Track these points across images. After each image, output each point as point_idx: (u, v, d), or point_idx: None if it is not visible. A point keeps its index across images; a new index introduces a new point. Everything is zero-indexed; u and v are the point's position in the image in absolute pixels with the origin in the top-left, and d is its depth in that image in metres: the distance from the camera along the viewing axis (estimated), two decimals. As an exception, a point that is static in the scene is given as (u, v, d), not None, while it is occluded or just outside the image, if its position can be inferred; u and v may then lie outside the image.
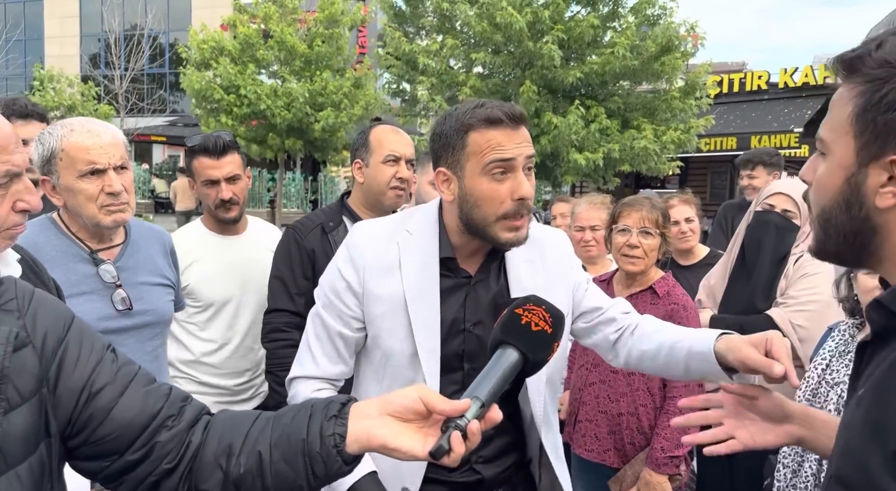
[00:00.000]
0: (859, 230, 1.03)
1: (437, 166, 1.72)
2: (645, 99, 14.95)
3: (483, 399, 1.11)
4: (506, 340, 1.23)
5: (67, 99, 24.63)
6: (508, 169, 1.62)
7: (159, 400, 1.15)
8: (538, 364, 1.25)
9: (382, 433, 1.09)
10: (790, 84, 19.79)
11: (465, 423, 1.08)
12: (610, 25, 14.79)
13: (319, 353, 1.79)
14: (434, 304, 1.71)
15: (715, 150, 19.45)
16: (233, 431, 1.15)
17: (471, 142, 1.63)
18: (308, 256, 2.60)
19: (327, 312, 1.78)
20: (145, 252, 2.27)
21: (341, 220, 2.69)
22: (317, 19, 19.60)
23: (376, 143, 2.70)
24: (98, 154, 2.01)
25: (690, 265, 3.80)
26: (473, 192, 1.64)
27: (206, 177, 2.74)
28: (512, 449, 1.85)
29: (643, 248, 2.76)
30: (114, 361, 1.15)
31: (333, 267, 1.80)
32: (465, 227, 1.70)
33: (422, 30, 15.87)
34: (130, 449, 1.10)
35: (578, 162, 13.71)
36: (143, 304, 2.18)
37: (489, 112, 1.62)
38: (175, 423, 1.14)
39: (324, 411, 1.12)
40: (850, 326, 2.45)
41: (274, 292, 2.63)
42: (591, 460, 2.81)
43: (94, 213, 2.05)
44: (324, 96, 18.74)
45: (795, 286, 2.97)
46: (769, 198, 3.05)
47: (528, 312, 1.27)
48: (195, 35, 19.46)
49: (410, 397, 1.11)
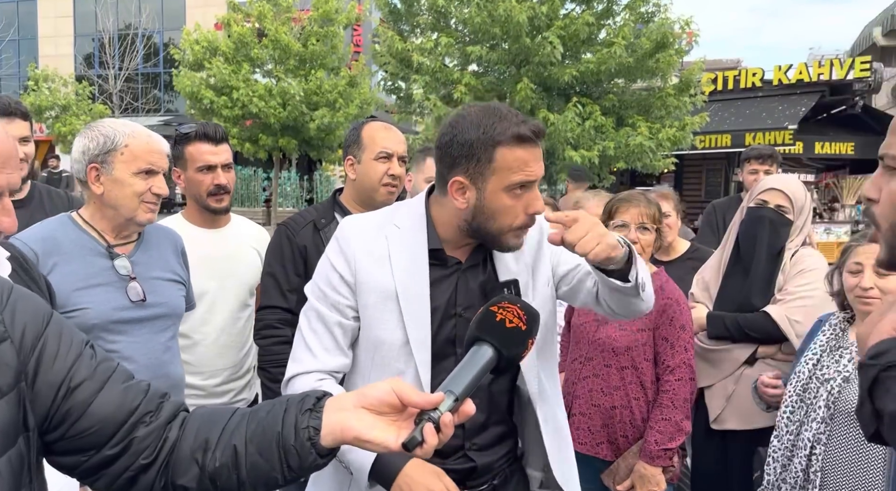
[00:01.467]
0: None
1: (451, 173, 1.71)
2: (640, 96, 14.96)
3: (457, 393, 1.13)
4: (481, 337, 1.26)
5: (62, 99, 24.55)
6: (527, 186, 1.68)
7: (138, 396, 1.16)
8: (512, 360, 1.28)
9: (356, 426, 1.11)
10: (785, 81, 19.80)
11: (439, 415, 1.10)
12: (604, 23, 14.80)
13: (318, 346, 1.79)
14: (424, 294, 1.75)
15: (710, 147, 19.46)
16: (209, 425, 1.16)
17: (499, 157, 1.66)
18: (300, 252, 2.60)
19: (322, 304, 1.80)
20: (157, 250, 2.38)
21: (333, 216, 2.69)
22: (311, 18, 19.58)
23: (368, 139, 2.71)
24: (158, 158, 2.24)
25: (671, 260, 3.80)
26: (491, 206, 1.69)
27: (204, 162, 2.73)
28: (506, 438, 1.90)
29: (641, 243, 2.76)
30: (93, 357, 1.15)
31: (325, 260, 1.83)
32: (471, 231, 1.75)
33: (416, 28, 15.85)
34: (108, 444, 1.11)
35: (574, 159, 13.71)
36: (156, 296, 2.28)
37: (520, 130, 1.65)
38: (153, 419, 1.15)
39: (299, 405, 1.14)
40: (842, 320, 2.47)
41: (266, 289, 2.63)
42: (584, 453, 2.81)
43: (135, 207, 2.21)
44: (319, 95, 18.72)
45: (793, 282, 2.98)
46: (762, 194, 3.06)
47: (503, 310, 1.30)
48: (188, 35, 19.42)
49: (384, 390, 1.13)
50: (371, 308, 1.76)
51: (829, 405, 2.26)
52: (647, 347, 2.72)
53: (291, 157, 23.64)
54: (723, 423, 3.02)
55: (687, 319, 2.75)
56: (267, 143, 19.16)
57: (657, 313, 2.71)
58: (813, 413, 2.29)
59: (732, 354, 3.02)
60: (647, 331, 2.73)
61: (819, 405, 2.28)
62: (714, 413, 3.04)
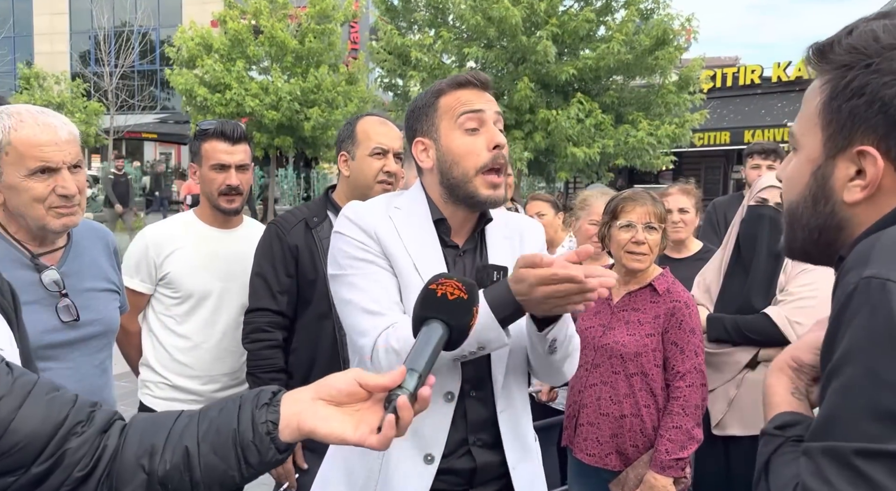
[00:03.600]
0: (824, 226, 0.98)
1: (413, 139, 1.78)
2: (639, 93, 14.88)
3: (419, 370, 1.11)
4: (426, 315, 1.25)
5: (56, 96, 24.40)
6: (480, 123, 1.70)
7: (64, 407, 1.10)
8: (462, 330, 1.27)
9: (312, 419, 1.07)
10: (784, 78, 19.76)
11: (407, 393, 1.07)
12: (603, 20, 14.70)
13: (383, 304, 1.66)
14: (441, 263, 1.73)
15: (708, 144, 19.42)
16: (154, 430, 1.12)
17: (442, 104, 1.73)
18: (291, 252, 2.48)
19: (360, 268, 1.70)
20: (89, 255, 2.08)
21: (326, 214, 2.57)
22: (308, 14, 19.48)
23: (363, 134, 2.59)
24: (52, 151, 1.80)
25: (683, 259, 3.69)
26: (451, 149, 1.70)
27: (217, 160, 2.62)
28: (513, 437, 1.80)
29: (649, 244, 2.65)
30: (8, 373, 1.09)
31: (343, 240, 1.74)
32: (447, 192, 1.74)
33: (414, 24, 15.75)
34: (37, 460, 1.05)
35: (576, 155, 13.64)
36: (90, 313, 2.00)
37: (456, 76, 1.74)
38: (84, 428, 1.09)
39: (254, 401, 1.10)
40: None
41: (255, 290, 2.51)
42: (591, 465, 2.70)
43: (41, 215, 1.84)
44: (316, 94, 18.62)
45: (794, 282, 2.89)
46: (762, 191, 2.97)
47: (442, 286, 1.28)
48: (183, 32, 19.32)
49: (344, 380, 1.09)
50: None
51: None
52: (657, 353, 2.61)
53: (288, 155, 23.54)
54: (724, 428, 2.93)
55: (696, 322, 2.64)
56: (262, 141, 19.05)
57: (665, 317, 2.60)
58: None
59: (734, 358, 2.92)
60: (656, 335, 2.61)
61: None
62: (716, 418, 2.94)
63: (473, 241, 1.82)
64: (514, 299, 1.52)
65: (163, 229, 2.72)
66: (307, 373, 2.48)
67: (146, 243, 2.65)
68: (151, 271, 2.64)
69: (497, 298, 1.53)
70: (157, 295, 2.68)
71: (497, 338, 1.55)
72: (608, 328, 2.69)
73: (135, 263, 2.65)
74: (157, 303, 2.69)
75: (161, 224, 2.79)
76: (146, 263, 2.63)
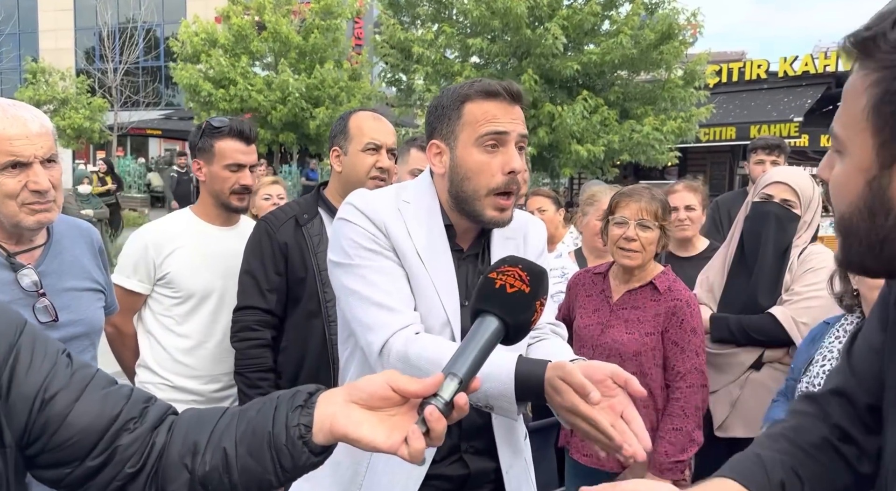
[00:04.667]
0: (886, 239, 0.90)
1: (430, 139, 1.70)
2: (644, 88, 14.79)
3: (460, 375, 1.04)
4: (482, 308, 1.16)
5: (60, 92, 24.40)
6: (501, 142, 1.62)
7: (119, 402, 1.11)
8: (521, 328, 1.18)
9: (344, 423, 1.04)
10: (790, 73, 19.64)
11: (442, 402, 1.02)
12: (608, 14, 14.62)
13: (394, 299, 1.58)
14: (451, 267, 1.68)
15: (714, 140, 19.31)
16: (198, 428, 1.11)
17: (466, 112, 1.63)
18: (280, 249, 2.43)
19: (370, 259, 1.62)
20: (70, 253, 2.01)
21: (317, 211, 2.52)
22: (312, 10, 19.45)
23: (356, 129, 2.54)
24: (22, 145, 1.73)
25: (689, 257, 3.61)
26: (465, 164, 1.63)
27: (235, 160, 2.60)
28: (507, 443, 1.76)
29: (641, 241, 2.59)
30: (68, 365, 1.11)
31: (351, 228, 1.65)
32: (454, 202, 1.68)
33: (417, 19, 15.69)
34: (91, 454, 1.07)
35: (580, 153, 13.56)
36: (70, 313, 1.93)
37: (487, 85, 1.63)
38: (137, 425, 1.11)
39: (290, 402, 1.09)
40: (854, 325, 2.30)
41: (244, 288, 2.47)
42: (588, 466, 2.65)
43: (14, 212, 1.77)
44: (321, 90, 18.60)
45: (800, 281, 2.82)
46: (767, 187, 2.89)
47: (503, 275, 1.19)
48: (187, 27, 19.31)
49: (377, 383, 1.06)
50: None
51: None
52: (657, 352, 2.55)
53: (292, 152, 23.51)
54: (727, 430, 2.87)
55: (697, 321, 2.58)
56: (266, 137, 19.02)
57: (666, 315, 2.55)
58: None
59: (738, 358, 2.86)
60: (656, 334, 2.55)
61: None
62: (718, 420, 2.88)
63: (478, 247, 1.77)
64: (541, 393, 1.44)
65: (161, 228, 2.67)
66: (296, 372, 2.45)
67: (145, 243, 2.59)
68: (150, 271, 2.59)
69: (526, 380, 1.44)
70: (154, 295, 2.62)
71: (507, 408, 1.48)
72: (607, 327, 2.63)
73: (133, 263, 2.58)
74: (154, 303, 2.63)
75: (159, 222, 2.74)
76: (145, 262, 2.58)
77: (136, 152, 31.09)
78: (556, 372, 1.42)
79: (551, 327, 1.90)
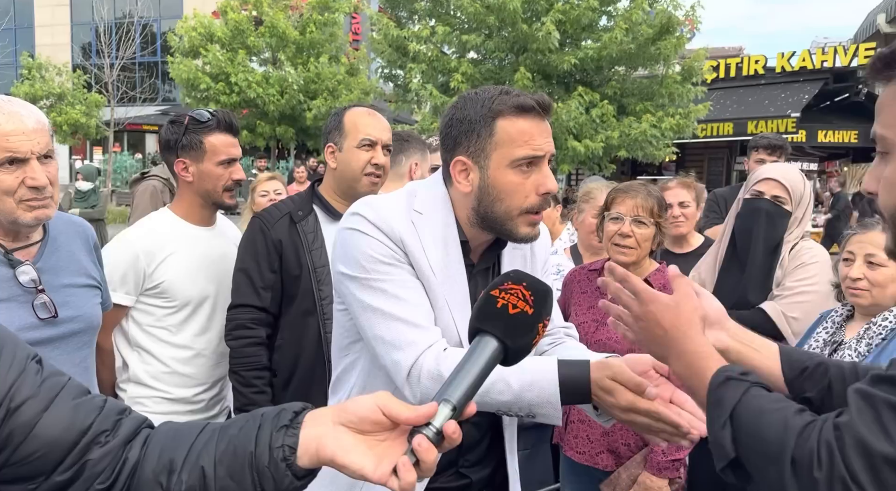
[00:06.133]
0: None
1: (454, 154, 1.60)
2: (641, 84, 14.78)
3: (453, 401, 0.97)
4: (481, 328, 1.08)
5: (57, 87, 24.32)
6: (535, 163, 1.56)
7: (90, 414, 1.04)
8: (521, 351, 1.10)
9: (332, 447, 0.97)
10: (787, 68, 19.62)
11: (434, 431, 0.95)
12: (605, 9, 14.59)
13: (420, 316, 1.53)
14: (463, 282, 1.62)
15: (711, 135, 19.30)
16: (175, 444, 1.04)
17: (499, 129, 1.55)
18: (275, 247, 2.42)
19: (390, 274, 1.54)
20: (67, 249, 1.99)
21: (311, 208, 2.51)
22: (309, 5, 19.41)
23: (351, 125, 2.52)
24: (19, 141, 1.71)
25: (685, 254, 3.62)
26: (497, 185, 1.56)
27: (228, 155, 2.46)
28: (496, 446, 1.77)
29: (636, 237, 2.57)
30: (38, 373, 1.04)
31: (365, 241, 1.56)
32: (480, 220, 1.61)
33: (414, 14, 15.65)
34: (58, 469, 1.00)
35: (577, 149, 13.55)
36: (69, 309, 1.91)
37: (521, 99, 1.55)
38: (109, 438, 1.03)
39: (274, 420, 1.01)
40: (841, 316, 2.41)
41: (238, 286, 2.44)
42: (582, 464, 2.65)
43: (12, 208, 1.76)
44: (317, 84, 18.57)
45: (791, 276, 2.84)
46: (758, 184, 2.90)
47: (506, 293, 1.11)
48: (185, 22, 19.27)
49: (367, 406, 0.98)
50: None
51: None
52: (651, 349, 2.54)
53: (289, 146, 23.46)
54: None
55: (693, 317, 2.57)
56: (265, 131, 18.99)
57: (661, 312, 2.54)
58: None
59: None
60: (651, 331, 2.55)
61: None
62: None
63: (489, 260, 1.72)
64: (588, 396, 1.42)
65: (149, 234, 2.48)
66: (291, 370, 2.44)
67: (135, 252, 2.41)
68: (139, 282, 2.42)
69: (572, 383, 1.42)
70: (141, 306, 2.45)
71: (552, 415, 1.45)
72: (601, 324, 2.63)
73: (121, 275, 2.39)
74: (142, 315, 2.46)
75: (145, 228, 2.52)
76: (135, 273, 2.41)
77: (133, 148, 31.01)
78: (604, 372, 1.41)
79: (564, 331, 1.87)
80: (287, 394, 2.42)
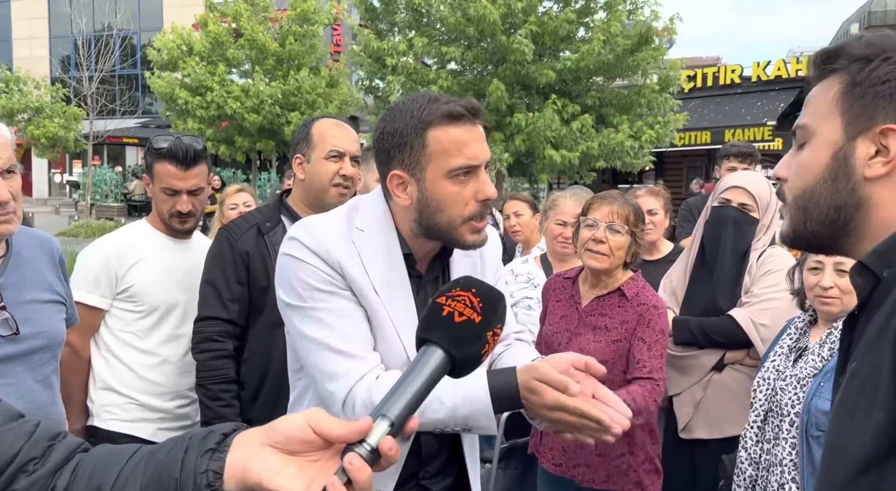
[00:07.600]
0: (844, 204, 1.02)
1: (389, 168, 1.57)
2: (620, 95, 14.88)
3: (392, 417, 0.91)
4: (427, 338, 1.01)
5: (34, 101, 24.12)
6: (472, 171, 1.54)
7: (18, 441, 0.98)
8: (469, 361, 1.03)
9: (258, 470, 0.90)
10: (763, 77, 19.84)
11: (368, 448, 0.88)
12: (583, 21, 14.69)
13: (355, 346, 1.52)
14: (408, 296, 1.61)
15: (689, 144, 19.45)
16: (104, 470, 0.98)
17: (432, 140, 1.52)
18: (242, 258, 2.40)
19: (326, 301, 1.53)
20: (31, 265, 1.97)
21: (279, 219, 2.49)
22: (289, 17, 19.39)
23: (318, 137, 2.51)
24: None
25: (655, 260, 3.67)
26: (436, 196, 1.54)
27: (168, 185, 2.50)
28: (457, 456, 1.76)
29: (609, 244, 2.56)
30: None
31: (302, 268, 1.55)
32: (424, 231, 1.59)
33: (395, 26, 15.68)
34: None
35: (554, 159, 13.60)
36: (31, 326, 1.90)
37: (450, 107, 1.52)
38: (37, 466, 0.97)
39: (201, 444, 0.95)
40: (804, 322, 2.44)
41: (205, 298, 2.42)
42: (559, 476, 2.63)
43: None
44: (297, 96, 18.53)
45: (759, 283, 2.88)
46: (725, 192, 2.94)
47: (452, 300, 1.05)
48: (163, 35, 19.19)
49: (296, 424, 0.91)
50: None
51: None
52: (623, 359, 2.54)
53: (270, 159, 23.37)
54: (691, 432, 2.89)
55: (665, 324, 2.57)
56: (244, 145, 18.91)
57: (633, 321, 2.53)
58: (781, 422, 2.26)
59: (700, 361, 2.89)
60: (625, 341, 2.54)
61: (786, 412, 2.24)
62: (683, 421, 2.90)
63: (437, 269, 1.71)
64: (518, 401, 1.44)
65: (122, 239, 2.59)
66: (260, 383, 2.41)
67: (107, 254, 2.50)
68: (112, 284, 2.49)
69: (501, 391, 1.43)
70: (113, 311, 2.52)
71: (487, 426, 1.46)
72: (574, 334, 2.62)
73: (94, 277, 2.48)
74: (113, 320, 2.53)
75: (118, 234, 2.64)
76: (107, 275, 2.48)
77: (114, 161, 30.80)
78: (529, 374, 1.43)
79: (515, 336, 1.88)
80: (255, 407, 2.40)
